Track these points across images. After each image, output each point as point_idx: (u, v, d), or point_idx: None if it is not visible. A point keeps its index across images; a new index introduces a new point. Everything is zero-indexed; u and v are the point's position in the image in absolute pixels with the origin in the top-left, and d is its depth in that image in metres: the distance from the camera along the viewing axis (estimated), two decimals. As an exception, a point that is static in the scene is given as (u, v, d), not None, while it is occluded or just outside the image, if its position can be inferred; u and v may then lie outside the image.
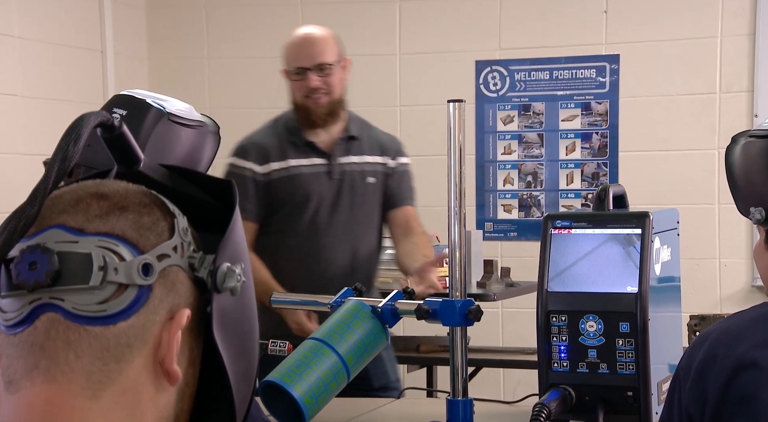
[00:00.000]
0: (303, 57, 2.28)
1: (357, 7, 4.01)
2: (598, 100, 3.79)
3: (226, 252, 0.66)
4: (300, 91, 2.28)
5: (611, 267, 1.43)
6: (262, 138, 2.32)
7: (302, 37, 2.32)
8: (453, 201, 1.55)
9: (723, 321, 1.29)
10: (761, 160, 1.26)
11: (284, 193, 2.28)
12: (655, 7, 3.68)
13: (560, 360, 1.42)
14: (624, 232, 1.43)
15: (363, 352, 1.59)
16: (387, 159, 2.39)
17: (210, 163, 1.34)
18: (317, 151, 2.31)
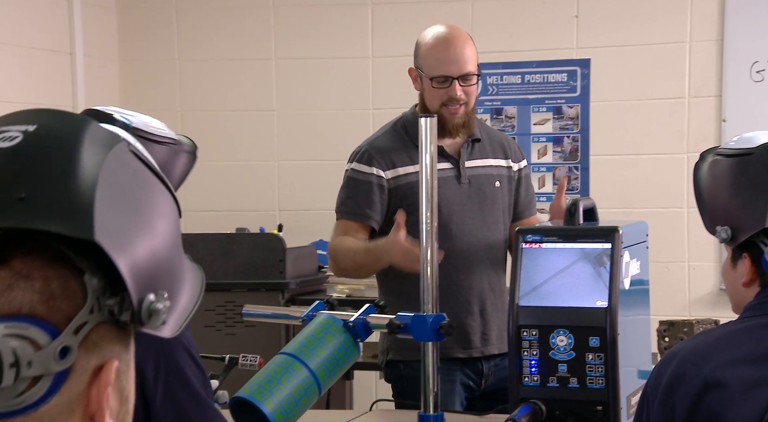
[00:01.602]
0: (450, 65, 2.16)
1: (329, 10, 4.00)
2: (569, 104, 3.81)
3: (138, 284, 0.61)
4: (438, 99, 2.17)
5: (581, 281, 1.44)
6: (385, 143, 2.21)
7: (449, 41, 2.19)
8: (425, 216, 1.55)
9: (691, 339, 1.30)
10: (727, 180, 1.27)
11: (413, 199, 2.10)
12: (626, 12, 3.71)
13: (531, 375, 1.43)
14: (594, 247, 1.45)
15: (334, 367, 1.59)
16: (510, 162, 2.29)
17: (181, 182, 1.32)
18: (444, 154, 2.19)
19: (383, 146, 2.20)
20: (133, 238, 0.62)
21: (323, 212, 4.05)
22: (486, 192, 2.21)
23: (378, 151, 2.19)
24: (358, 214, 2.19)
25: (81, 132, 0.63)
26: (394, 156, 2.18)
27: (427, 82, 2.19)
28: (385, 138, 2.23)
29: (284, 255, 3.04)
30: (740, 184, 1.28)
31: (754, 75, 3.54)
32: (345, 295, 2.95)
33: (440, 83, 2.16)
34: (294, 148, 4.05)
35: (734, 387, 1.16)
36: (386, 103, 3.99)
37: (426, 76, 2.19)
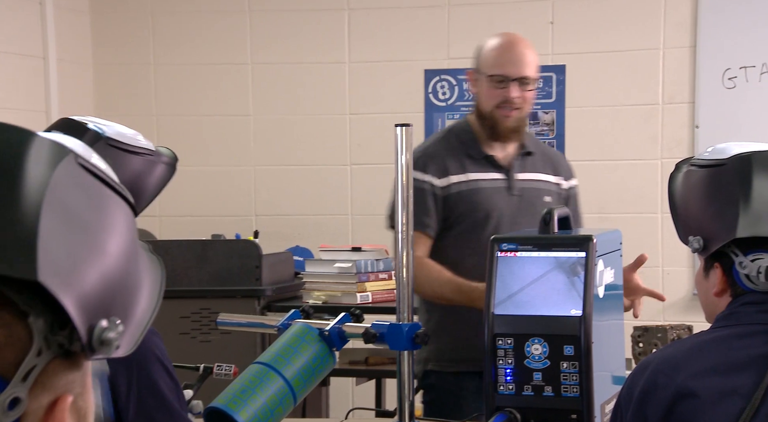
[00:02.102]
0: (509, 65, 2.12)
1: (305, 15, 3.99)
2: (545, 110, 3.83)
3: (88, 314, 0.58)
4: (494, 100, 2.13)
5: (556, 290, 1.44)
6: (438, 150, 2.17)
7: (510, 43, 2.18)
8: (401, 225, 1.55)
9: (663, 349, 1.31)
10: (700, 190, 1.29)
11: (463, 208, 2.14)
12: (600, 19, 3.74)
13: (506, 383, 1.44)
14: (568, 256, 1.45)
15: (310, 376, 1.58)
16: (560, 179, 2.26)
17: (157, 192, 1.31)
18: (496, 165, 2.17)
19: (437, 153, 2.16)
20: (82, 266, 0.58)
21: (300, 217, 4.06)
22: (536, 205, 2.16)
23: (431, 158, 2.15)
24: (415, 223, 2.15)
25: (21, 151, 0.58)
26: (447, 163, 2.15)
27: (484, 81, 2.14)
28: (439, 145, 2.19)
29: (260, 261, 3.03)
30: (712, 194, 1.30)
31: (726, 82, 3.58)
32: (321, 302, 2.94)
33: (497, 82, 2.12)
34: (270, 153, 4.04)
35: (705, 397, 1.17)
36: (362, 108, 3.99)
37: (484, 75, 2.14)
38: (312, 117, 4.03)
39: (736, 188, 1.27)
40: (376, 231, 3.94)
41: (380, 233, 2.76)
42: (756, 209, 1.24)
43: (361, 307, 2.84)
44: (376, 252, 2.99)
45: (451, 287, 2.04)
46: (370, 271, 2.94)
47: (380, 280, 2.96)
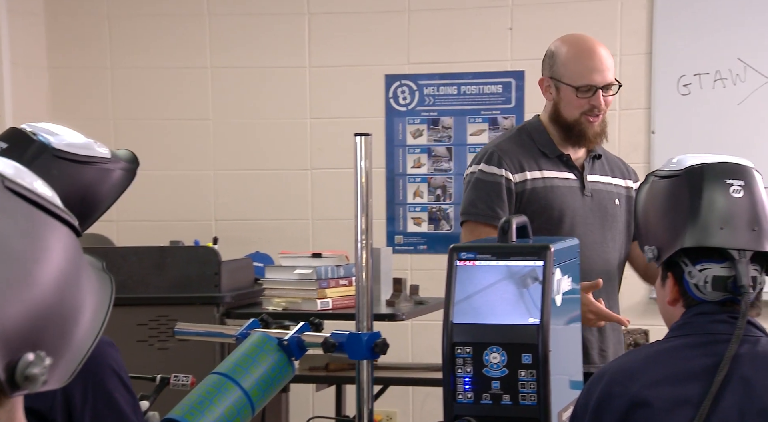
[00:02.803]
0: (596, 74, 2.10)
1: (266, 19, 3.97)
2: (504, 116, 3.86)
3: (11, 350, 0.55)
4: (579, 108, 2.11)
5: (514, 299, 1.45)
6: (511, 146, 2.15)
7: (590, 50, 2.14)
8: (359, 232, 1.54)
9: (619, 358, 1.33)
10: (656, 201, 1.31)
11: (538, 205, 2.11)
12: (558, 25, 3.77)
13: (464, 392, 1.44)
14: (526, 265, 1.46)
15: (268, 386, 1.57)
16: (628, 182, 2.25)
17: (114, 200, 1.29)
18: (569, 165, 2.15)
19: (510, 149, 2.14)
20: (7, 299, 0.55)
21: (260, 222, 4.03)
22: (607, 207, 2.16)
23: (506, 153, 2.13)
24: (490, 216, 2.09)
25: None
26: (522, 159, 2.13)
27: (568, 91, 2.12)
28: (512, 142, 2.17)
29: (219, 268, 3.00)
30: (666, 205, 1.33)
31: (681, 88, 3.64)
32: (281, 309, 2.92)
33: (584, 93, 2.10)
34: (230, 157, 4.01)
35: (658, 406, 1.19)
36: (323, 113, 3.99)
37: (568, 86, 2.11)
38: (273, 121, 4.01)
39: (686, 199, 1.30)
40: (336, 236, 3.94)
41: (341, 238, 2.76)
42: (703, 219, 1.26)
43: (322, 314, 2.86)
44: (336, 258, 2.98)
45: None
46: (331, 277, 2.93)
47: (341, 286, 2.96)
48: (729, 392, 1.20)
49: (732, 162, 1.32)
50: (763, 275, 1.28)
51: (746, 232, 1.25)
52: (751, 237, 1.24)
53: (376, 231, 3.89)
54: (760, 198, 1.28)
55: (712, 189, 1.28)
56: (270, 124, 4.01)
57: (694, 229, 1.27)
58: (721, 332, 1.24)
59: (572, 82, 2.10)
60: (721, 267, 1.26)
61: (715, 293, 1.26)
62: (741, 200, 1.26)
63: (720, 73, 3.55)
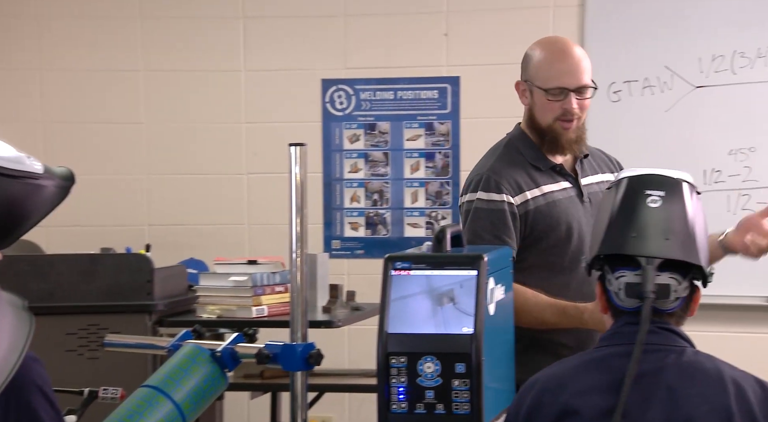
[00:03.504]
0: (567, 76, 2.00)
1: (200, 22, 3.92)
2: (440, 121, 3.89)
3: None
4: (552, 113, 2.01)
5: (448, 308, 1.46)
6: (505, 166, 2.04)
7: (565, 52, 2.04)
8: (294, 244, 1.53)
9: (550, 367, 1.35)
10: (595, 212, 1.35)
11: (544, 225, 2.01)
12: (492, 31, 3.82)
13: (399, 402, 1.44)
14: (460, 274, 1.47)
15: (200, 398, 1.55)
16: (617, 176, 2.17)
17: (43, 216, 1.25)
18: (563, 173, 2.07)
19: (504, 170, 2.04)
20: None
21: (195, 227, 3.98)
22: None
23: (502, 176, 2.02)
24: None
25: None
26: (519, 180, 2.03)
27: (540, 95, 2.02)
28: (503, 161, 2.06)
29: (152, 275, 2.95)
30: (597, 215, 1.37)
31: (612, 95, 3.72)
32: (216, 316, 2.89)
33: (555, 96, 2.01)
34: (164, 161, 3.95)
35: (586, 415, 1.21)
36: (259, 117, 3.95)
37: (539, 89, 2.02)
38: (207, 125, 3.96)
39: (608, 209, 1.33)
40: (273, 240, 3.91)
41: (278, 243, 2.73)
42: (618, 228, 1.30)
43: (257, 321, 2.83)
44: (272, 264, 2.96)
45: (553, 311, 1.91)
46: (266, 284, 2.91)
47: (277, 293, 2.93)
48: (655, 402, 1.23)
49: (658, 173, 1.35)
50: (684, 284, 1.30)
51: (658, 241, 1.27)
52: (663, 246, 1.27)
53: (313, 236, 3.89)
54: (682, 209, 1.30)
55: (631, 199, 1.31)
56: (205, 127, 3.96)
57: (609, 238, 1.30)
58: (649, 342, 1.27)
59: (542, 85, 2.02)
60: (634, 274, 1.28)
61: (629, 300, 1.29)
62: (657, 210, 1.29)
63: (648, 80, 3.64)
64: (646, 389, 1.23)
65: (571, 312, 1.88)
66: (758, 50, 3.50)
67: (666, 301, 1.29)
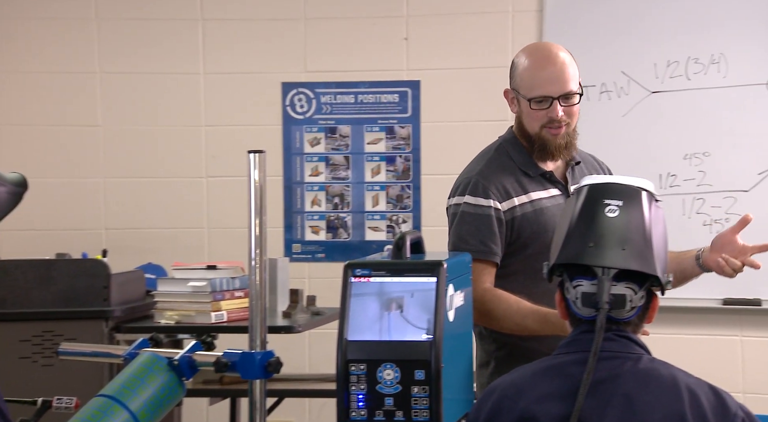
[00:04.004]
0: (550, 84, 1.97)
1: (158, 24, 3.88)
2: (401, 125, 3.89)
3: None
4: (539, 121, 1.99)
5: (408, 315, 1.46)
6: (493, 171, 2.02)
7: (547, 59, 2.00)
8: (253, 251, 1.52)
9: (510, 373, 1.35)
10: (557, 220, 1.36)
11: (530, 231, 1.99)
12: (452, 36, 3.84)
13: (358, 409, 1.44)
14: (420, 281, 1.47)
15: (157, 407, 1.53)
16: None
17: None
18: (553, 180, 2.06)
19: (493, 175, 2.02)
20: None
21: (153, 231, 3.93)
22: None
23: (490, 181, 2.01)
24: (483, 251, 1.96)
25: None
26: (507, 184, 2.02)
27: (526, 103, 2.00)
28: (493, 166, 2.04)
29: (108, 281, 2.91)
30: (558, 223, 1.38)
31: (571, 100, 3.76)
32: (174, 322, 2.86)
33: (539, 104, 1.99)
34: (121, 164, 3.91)
35: (544, 421, 1.22)
36: (218, 120, 3.93)
37: (524, 98, 2.00)
38: (166, 128, 3.92)
39: (567, 218, 1.34)
40: (233, 244, 3.88)
41: (238, 247, 2.70)
42: (576, 237, 1.31)
43: (216, 327, 2.80)
44: (232, 269, 2.94)
45: (535, 318, 1.89)
46: (226, 289, 2.88)
47: (236, 298, 2.91)
48: (612, 409, 1.24)
49: (617, 182, 1.36)
50: (640, 293, 1.31)
51: (614, 251, 1.28)
52: (619, 256, 1.28)
53: (274, 239, 3.87)
54: (640, 218, 1.31)
55: (589, 208, 1.32)
56: (163, 130, 3.92)
57: (567, 247, 1.31)
58: (607, 349, 1.28)
59: (527, 94, 2.00)
60: (591, 284, 1.29)
61: (586, 309, 1.30)
62: (615, 219, 1.30)
63: (605, 85, 3.68)
64: (602, 396, 1.25)
65: (553, 319, 1.85)
66: (711, 56, 3.57)
67: (622, 311, 1.30)
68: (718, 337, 3.62)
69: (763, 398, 3.46)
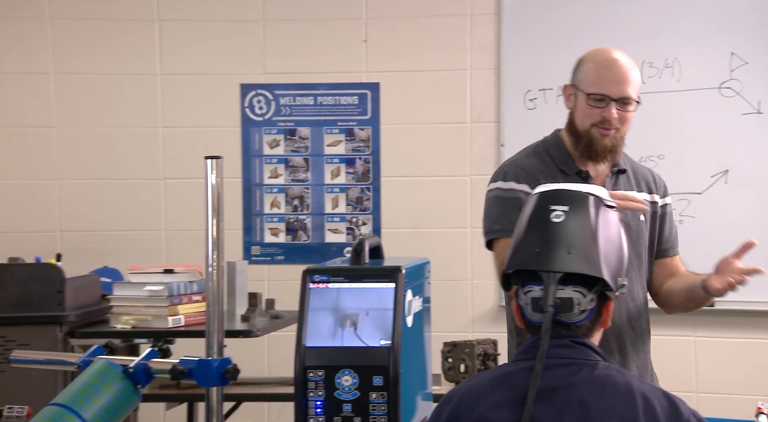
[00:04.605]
0: (611, 85, 2.01)
1: (113, 25, 3.83)
2: (360, 127, 3.89)
3: None
4: (591, 118, 2.03)
5: (366, 321, 1.46)
6: (530, 163, 2.07)
7: (614, 62, 2.04)
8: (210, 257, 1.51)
9: (468, 380, 1.36)
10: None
11: None
12: (411, 39, 3.85)
13: (316, 416, 1.44)
14: (378, 287, 1.47)
15: (112, 415, 1.51)
16: (655, 197, 2.15)
17: None
18: (588, 181, 2.05)
19: (527, 164, 2.07)
20: None
21: (109, 233, 3.88)
22: (631, 225, 2.05)
23: (523, 169, 2.06)
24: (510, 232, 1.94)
25: None
26: (539, 174, 2.05)
27: (582, 98, 2.04)
28: (529, 159, 2.09)
29: (63, 285, 2.87)
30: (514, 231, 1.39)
31: (528, 103, 3.79)
32: (130, 327, 2.82)
33: (596, 102, 2.02)
34: (77, 166, 3.85)
35: None
36: (176, 122, 3.89)
37: (582, 93, 2.04)
38: (122, 129, 3.87)
39: (521, 224, 1.35)
40: (191, 246, 3.84)
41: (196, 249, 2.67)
42: (523, 244, 1.32)
43: (174, 331, 2.77)
44: (189, 273, 2.91)
45: None
46: (183, 293, 2.86)
47: (194, 302, 2.89)
48: (568, 416, 1.25)
49: (565, 189, 1.38)
50: (589, 296, 1.32)
51: (560, 255, 1.29)
52: (564, 260, 1.29)
53: (233, 242, 3.84)
54: (586, 222, 1.32)
55: (537, 214, 1.34)
56: (120, 132, 3.87)
57: (516, 254, 1.33)
58: (563, 356, 1.29)
59: (586, 89, 2.03)
60: (540, 289, 1.31)
61: (537, 314, 1.32)
62: (560, 224, 1.31)
63: (563, 89, 3.73)
64: (558, 403, 1.26)
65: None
66: (665, 60, 3.63)
67: (571, 314, 1.31)
68: (673, 338, 3.68)
69: (715, 397, 3.53)
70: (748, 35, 3.54)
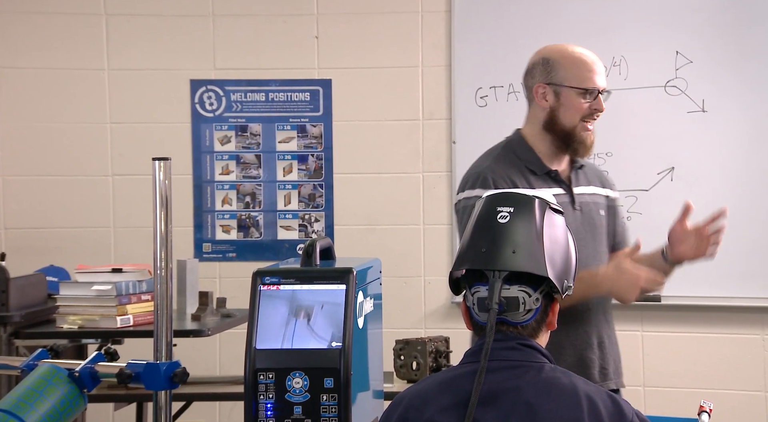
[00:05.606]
0: (598, 78, 2.07)
1: (59, 18, 3.75)
2: (313, 123, 3.88)
3: None
4: (581, 113, 2.06)
5: (317, 323, 1.46)
6: (502, 166, 2.06)
7: (589, 56, 2.10)
8: (159, 260, 1.49)
9: (417, 383, 1.37)
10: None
11: None
12: (363, 35, 3.85)
13: (266, 418, 1.43)
14: (329, 289, 1.47)
15: (57, 420, 1.48)
16: (608, 191, 2.20)
17: None
18: (557, 180, 2.09)
19: (501, 169, 2.06)
20: None
21: (55, 231, 3.80)
22: (594, 220, 2.12)
23: (498, 175, 2.05)
24: None
25: None
26: (515, 179, 2.06)
27: (572, 94, 2.06)
28: (501, 162, 2.09)
29: (7, 285, 2.81)
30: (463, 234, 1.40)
31: (479, 100, 3.81)
32: (77, 327, 2.77)
33: (589, 95, 2.07)
34: (21, 162, 3.77)
35: None
36: (125, 117, 3.83)
37: (573, 89, 2.06)
38: (69, 125, 3.80)
39: (469, 227, 1.37)
40: (140, 244, 3.79)
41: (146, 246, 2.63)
42: (469, 244, 1.34)
43: (122, 331, 2.73)
44: (138, 272, 2.87)
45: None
46: (132, 293, 2.82)
47: (143, 302, 2.85)
48: (514, 418, 1.26)
49: (512, 192, 1.40)
50: (535, 296, 1.33)
51: (505, 254, 1.31)
52: (509, 259, 1.30)
53: (184, 239, 3.80)
54: (531, 223, 1.34)
55: (484, 216, 1.35)
56: (66, 128, 3.80)
57: (463, 254, 1.34)
58: (509, 358, 1.31)
59: (579, 85, 2.07)
60: (486, 289, 1.32)
61: (483, 314, 1.33)
62: (505, 225, 1.33)
63: (513, 86, 3.75)
64: (505, 406, 1.27)
65: (585, 277, 1.89)
66: (612, 59, 3.68)
67: (516, 314, 1.33)
68: (620, 332, 3.74)
69: (661, 391, 3.60)
70: (693, 34, 3.61)
